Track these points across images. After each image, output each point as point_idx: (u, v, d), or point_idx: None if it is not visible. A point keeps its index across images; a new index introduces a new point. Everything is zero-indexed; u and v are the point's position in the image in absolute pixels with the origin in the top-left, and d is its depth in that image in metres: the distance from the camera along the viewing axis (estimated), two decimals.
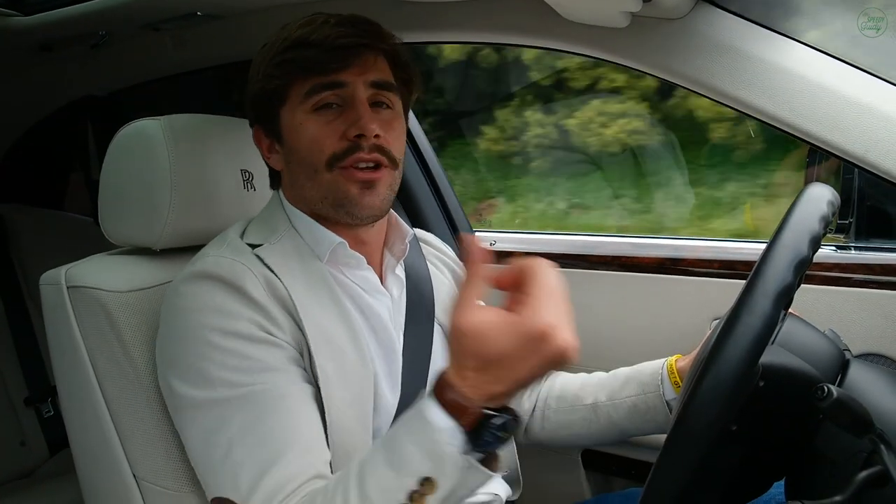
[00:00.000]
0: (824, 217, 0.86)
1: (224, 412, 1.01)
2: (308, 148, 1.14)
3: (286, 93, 1.15)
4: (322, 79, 1.12)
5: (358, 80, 1.14)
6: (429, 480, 0.82)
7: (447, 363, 0.83)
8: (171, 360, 1.08)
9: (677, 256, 1.68)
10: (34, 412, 2.24)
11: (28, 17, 1.78)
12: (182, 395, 1.05)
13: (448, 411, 0.82)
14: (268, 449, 0.98)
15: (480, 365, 0.79)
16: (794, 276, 0.78)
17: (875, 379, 0.93)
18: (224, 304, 1.05)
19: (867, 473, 0.79)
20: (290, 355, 1.06)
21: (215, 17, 1.73)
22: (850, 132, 1.25)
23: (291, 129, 1.16)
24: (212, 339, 1.03)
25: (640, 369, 1.40)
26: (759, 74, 1.30)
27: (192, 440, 1.06)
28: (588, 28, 1.42)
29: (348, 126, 1.12)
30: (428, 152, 2.06)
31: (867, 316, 1.44)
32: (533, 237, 2.03)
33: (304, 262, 1.16)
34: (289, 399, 1.02)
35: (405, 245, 1.27)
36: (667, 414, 1.33)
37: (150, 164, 1.22)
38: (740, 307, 0.77)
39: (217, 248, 1.15)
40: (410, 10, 1.57)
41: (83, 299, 1.17)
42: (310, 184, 1.16)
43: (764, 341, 0.76)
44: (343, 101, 1.14)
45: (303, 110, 1.14)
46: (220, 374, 1.02)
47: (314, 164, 1.14)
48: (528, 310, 0.78)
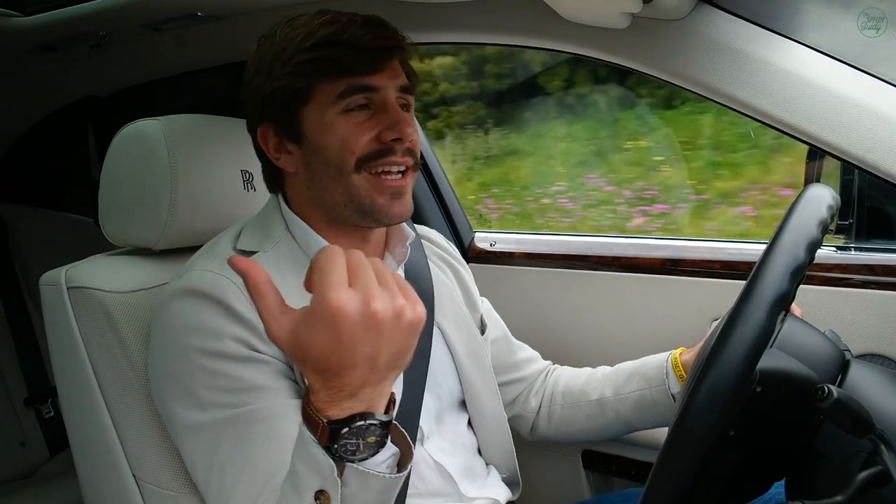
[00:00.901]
0: (822, 222, 0.86)
1: (215, 435, 1.01)
2: (337, 148, 1.11)
3: (311, 92, 1.12)
4: (356, 80, 1.10)
5: (390, 84, 1.13)
6: (323, 493, 0.82)
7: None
8: (162, 377, 1.09)
9: (678, 257, 1.69)
10: (34, 413, 2.25)
11: (28, 17, 1.78)
12: (174, 415, 1.06)
13: (308, 426, 0.80)
14: (261, 467, 0.98)
15: (315, 373, 0.77)
16: (791, 283, 0.78)
17: (875, 379, 0.93)
18: (208, 322, 1.04)
19: (868, 473, 0.79)
20: (277, 369, 1.05)
21: (216, 18, 1.73)
22: (850, 133, 1.25)
23: (318, 128, 1.12)
24: (198, 361, 1.03)
25: (645, 363, 1.41)
26: (759, 75, 1.30)
27: (188, 460, 1.07)
28: (588, 29, 1.42)
29: (383, 129, 1.11)
30: (427, 152, 2.05)
31: (867, 316, 1.44)
32: (533, 238, 2.03)
33: (299, 269, 1.14)
34: (277, 419, 1.01)
35: (406, 248, 1.26)
36: (672, 407, 1.33)
37: (150, 165, 1.22)
38: (736, 316, 0.77)
39: (205, 259, 1.13)
40: (411, 11, 1.57)
41: (83, 300, 1.18)
42: (333, 185, 1.13)
43: (759, 351, 0.76)
44: (373, 103, 1.12)
45: (334, 111, 1.11)
46: (210, 397, 1.02)
47: (341, 166, 1.11)
48: (315, 294, 0.74)
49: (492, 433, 1.35)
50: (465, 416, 1.33)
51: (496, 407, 1.37)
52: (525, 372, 1.52)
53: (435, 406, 1.25)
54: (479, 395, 1.33)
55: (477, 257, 1.98)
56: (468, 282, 1.46)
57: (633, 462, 1.73)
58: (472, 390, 1.32)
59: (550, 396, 1.49)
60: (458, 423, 1.31)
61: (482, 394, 1.33)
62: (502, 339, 1.51)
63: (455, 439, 1.28)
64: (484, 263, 1.95)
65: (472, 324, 1.37)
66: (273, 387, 1.04)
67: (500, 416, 1.37)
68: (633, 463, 1.73)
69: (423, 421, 1.21)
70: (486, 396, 1.34)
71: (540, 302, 1.86)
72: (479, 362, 1.35)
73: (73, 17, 1.74)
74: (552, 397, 1.49)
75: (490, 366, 1.38)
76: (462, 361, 1.31)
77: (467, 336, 1.34)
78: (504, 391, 1.45)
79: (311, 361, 0.76)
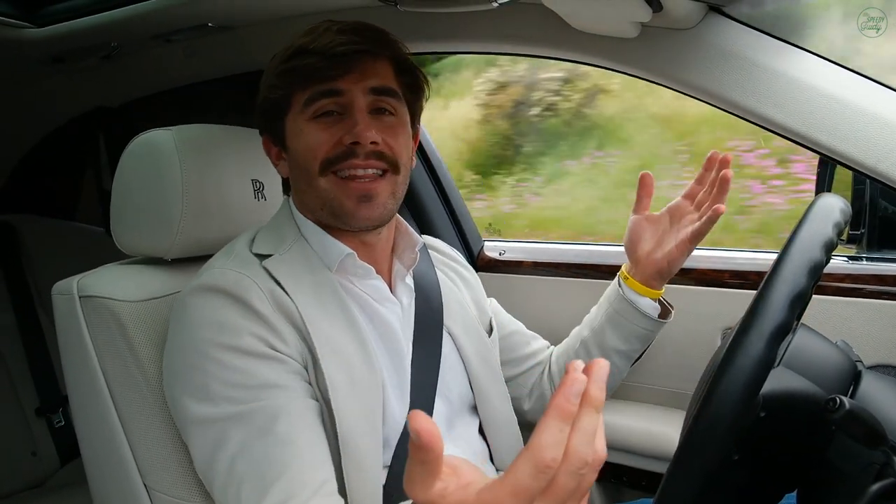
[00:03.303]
0: (828, 242, 0.84)
1: (225, 429, 1.01)
2: (304, 154, 1.15)
3: (289, 101, 1.17)
4: (320, 86, 1.14)
5: (356, 88, 1.15)
6: None
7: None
8: (176, 373, 1.09)
9: (687, 267, 1.67)
10: (45, 422, 2.25)
11: (40, 28, 1.79)
12: (185, 409, 1.06)
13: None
14: (270, 466, 0.98)
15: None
16: (791, 312, 0.78)
17: (888, 390, 0.93)
18: (227, 318, 1.05)
19: (880, 485, 0.79)
20: (293, 370, 1.07)
21: (226, 29, 1.74)
22: (861, 142, 1.24)
23: (293, 136, 1.17)
24: (215, 354, 1.04)
25: (605, 293, 1.48)
26: (769, 84, 1.30)
27: (196, 455, 1.07)
28: (598, 38, 1.42)
29: (345, 133, 1.13)
30: (438, 161, 2.06)
31: (879, 327, 1.43)
32: (542, 247, 2.03)
33: (314, 272, 1.16)
34: (289, 416, 1.02)
35: (415, 254, 1.27)
36: (637, 312, 1.40)
37: (162, 175, 1.23)
38: (735, 347, 0.77)
39: (224, 259, 1.16)
40: (421, 21, 1.58)
41: (95, 309, 1.18)
42: (308, 190, 1.17)
43: (759, 382, 0.76)
44: (342, 108, 1.15)
45: (303, 118, 1.15)
46: (222, 391, 1.02)
47: (308, 170, 1.15)
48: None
49: (503, 438, 1.35)
50: (476, 421, 1.33)
51: (507, 411, 1.37)
52: (540, 357, 1.55)
53: (446, 411, 1.25)
54: (489, 398, 1.33)
55: (486, 266, 1.98)
56: (475, 286, 1.48)
57: (644, 473, 1.72)
58: (482, 394, 1.32)
59: (552, 373, 1.52)
60: (469, 429, 1.31)
61: (493, 397, 1.34)
62: (518, 332, 1.54)
63: (467, 447, 1.28)
64: (493, 272, 1.95)
65: (480, 328, 1.38)
66: (288, 386, 1.05)
67: (510, 419, 1.38)
68: (644, 474, 1.72)
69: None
70: (497, 399, 1.35)
71: (549, 311, 1.85)
72: (489, 366, 1.35)
73: (84, 29, 1.75)
74: (553, 372, 1.52)
75: (500, 369, 1.40)
76: (472, 365, 1.31)
77: (477, 340, 1.35)
78: (523, 380, 1.50)
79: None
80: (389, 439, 1.14)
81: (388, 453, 1.14)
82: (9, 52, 1.85)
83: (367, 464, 1.07)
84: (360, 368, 1.11)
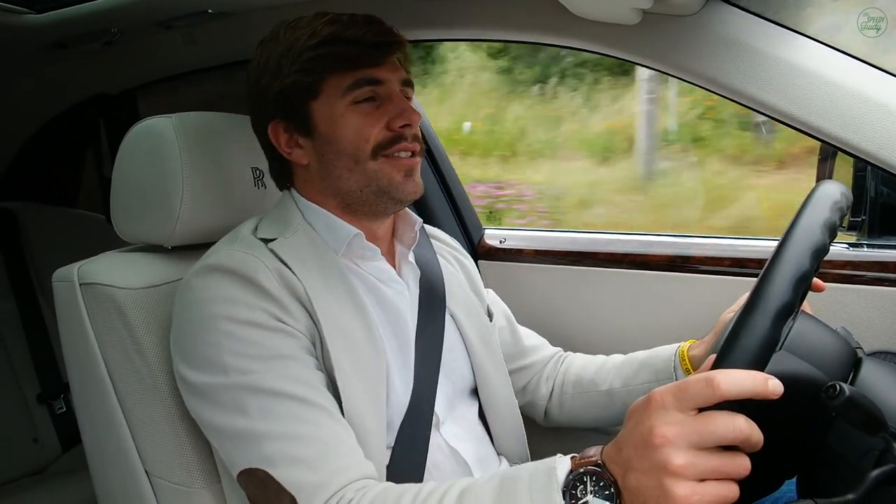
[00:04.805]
0: (830, 225, 0.85)
1: (239, 396, 1.02)
2: (352, 138, 1.17)
3: (320, 87, 1.17)
4: (364, 73, 1.17)
5: (393, 77, 1.20)
6: None
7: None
8: (185, 351, 1.09)
9: (687, 254, 1.68)
10: (47, 409, 2.25)
11: (40, 14, 1.78)
12: (196, 384, 1.06)
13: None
14: (291, 423, 0.99)
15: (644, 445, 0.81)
16: (795, 292, 0.78)
17: (888, 377, 0.93)
18: (237, 295, 1.06)
19: (880, 471, 0.79)
20: (303, 345, 1.08)
21: (226, 15, 1.74)
22: (863, 129, 1.24)
23: (330, 121, 1.18)
24: (225, 328, 1.04)
25: (656, 354, 1.43)
26: (770, 71, 1.29)
27: (210, 421, 1.06)
28: (599, 25, 1.41)
29: (393, 118, 1.18)
30: (440, 151, 2.06)
31: (880, 314, 1.43)
32: (543, 235, 2.03)
33: (319, 255, 1.17)
34: (304, 384, 1.03)
35: (414, 233, 1.30)
36: None
37: (162, 162, 1.23)
38: (740, 327, 0.77)
39: (229, 243, 1.16)
40: (421, 8, 1.57)
41: (96, 296, 1.18)
42: (348, 174, 1.18)
43: (763, 362, 0.76)
44: (378, 95, 1.18)
45: (343, 103, 1.17)
46: (234, 362, 1.03)
47: (357, 154, 1.17)
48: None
49: (504, 420, 1.35)
50: (476, 404, 1.34)
51: (508, 394, 1.38)
52: (533, 358, 1.55)
53: (449, 391, 1.26)
54: (490, 381, 1.34)
55: (486, 254, 1.98)
56: (473, 274, 1.49)
57: None
58: (483, 376, 1.33)
59: (562, 384, 1.52)
60: (470, 411, 1.32)
61: (494, 380, 1.34)
62: (507, 327, 1.55)
63: (468, 427, 1.29)
64: (494, 260, 1.95)
65: (481, 311, 1.40)
66: (300, 358, 1.06)
67: (511, 403, 1.38)
68: None
69: (438, 406, 1.21)
70: (497, 382, 1.35)
71: (550, 299, 1.85)
72: (490, 349, 1.36)
73: (84, 15, 1.74)
74: (563, 385, 1.52)
75: (500, 353, 1.40)
76: (474, 347, 1.32)
77: (478, 323, 1.36)
78: (514, 378, 1.47)
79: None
80: (393, 420, 1.14)
81: (392, 434, 1.14)
82: (9, 38, 1.84)
83: (371, 444, 1.07)
84: (366, 350, 1.12)
